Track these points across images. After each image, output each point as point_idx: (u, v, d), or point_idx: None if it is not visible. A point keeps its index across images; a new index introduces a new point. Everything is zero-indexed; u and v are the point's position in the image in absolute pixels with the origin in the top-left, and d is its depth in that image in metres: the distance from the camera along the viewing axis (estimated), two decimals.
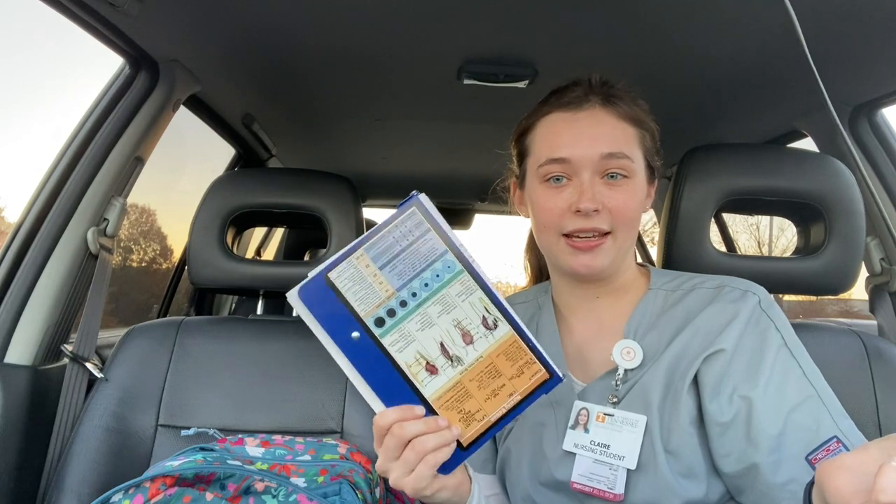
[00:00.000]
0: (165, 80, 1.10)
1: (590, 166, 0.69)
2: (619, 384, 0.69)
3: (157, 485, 0.70)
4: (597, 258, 0.69)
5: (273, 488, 0.73)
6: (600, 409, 0.69)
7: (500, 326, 0.56)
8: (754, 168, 0.96)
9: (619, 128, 0.71)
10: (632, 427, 0.66)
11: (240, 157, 1.74)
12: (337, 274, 0.55)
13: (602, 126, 0.70)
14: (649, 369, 0.68)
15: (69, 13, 0.91)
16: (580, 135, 0.70)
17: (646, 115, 0.74)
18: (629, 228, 0.71)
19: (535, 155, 0.73)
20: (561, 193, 0.70)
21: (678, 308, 0.71)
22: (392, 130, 1.66)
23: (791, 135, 1.43)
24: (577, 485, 0.67)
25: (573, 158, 0.69)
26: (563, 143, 0.70)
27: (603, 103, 0.71)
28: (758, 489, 0.62)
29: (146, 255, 2.91)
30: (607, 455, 0.66)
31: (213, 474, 0.73)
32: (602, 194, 0.68)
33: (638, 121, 0.73)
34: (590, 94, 0.72)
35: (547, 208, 0.71)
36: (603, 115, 0.71)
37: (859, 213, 0.96)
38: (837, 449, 0.61)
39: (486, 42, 1.07)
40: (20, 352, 0.94)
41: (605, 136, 0.69)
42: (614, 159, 0.68)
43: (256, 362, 1.00)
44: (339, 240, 1.04)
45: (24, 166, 5.12)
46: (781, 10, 0.66)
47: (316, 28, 1.03)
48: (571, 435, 0.69)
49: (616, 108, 0.71)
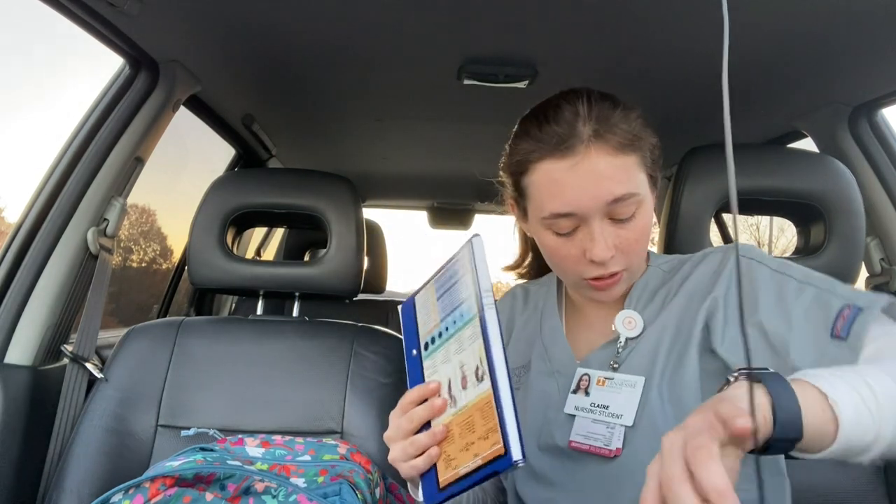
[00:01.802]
0: (165, 80, 1.10)
1: (597, 214, 0.66)
2: (620, 351, 0.71)
3: (157, 485, 0.70)
4: (615, 291, 0.71)
5: (273, 488, 0.73)
6: (601, 373, 0.71)
7: (484, 381, 0.52)
8: (754, 168, 0.96)
9: (620, 165, 0.65)
10: (631, 388, 0.67)
11: (240, 157, 1.74)
12: (419, 297, 0.61)
13: (602, 171, 0.65)
14: (648, 335, 0.70)
15: (69, 13, 0.91)
16: (582, 186, 0.65)
17: (642, 129, 0.68)
18: (641, 255, 0.72)
19: (536, 202, 0.70)
20: (572, 241, 0.68)
21: (673, 281, 0.74)
22: (392, 130, 1.66)
23: (791, 135, 1.43)
24: (575, 443, 0.69)
25: (580, 211, 0.66)
26: (565, 196, 0.66)
27: (596, 139, 0.65)
28: None
29: (146, 256, 2.91)
30: (606, 414, 0.68)
31: (212, 474, 0.73)
32: (613, 236, 0.67)
33: (634, 142, 0.67)
34: (578, 126, 0.65)
35: (561, 255, 0.70)
36: (599, 157, 0.65)
37: (859, 214, 0.96)
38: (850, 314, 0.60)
39: (485, 42, 1.07)
40: (20, 352, 0.94)
41: (607, 180, 0.65)
42: (622, 202, 0.65)
43: (256, 362, 1.00)
44: (339, 240, 1.04)
45: (23, 166, 5.12)
46: (781, 11, 0.66)
47: (316, 28, 1.03)
48: (572, 399, 0.71)
49: (612, 138, 0.65)
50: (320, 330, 1.04)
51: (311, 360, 1.00)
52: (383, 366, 1.00)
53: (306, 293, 1.09)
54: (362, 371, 0.99)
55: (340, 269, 1.04)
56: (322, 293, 1.06)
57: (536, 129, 0.69)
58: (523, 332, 0.83)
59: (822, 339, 0.60)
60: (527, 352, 0.80)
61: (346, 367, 0.99)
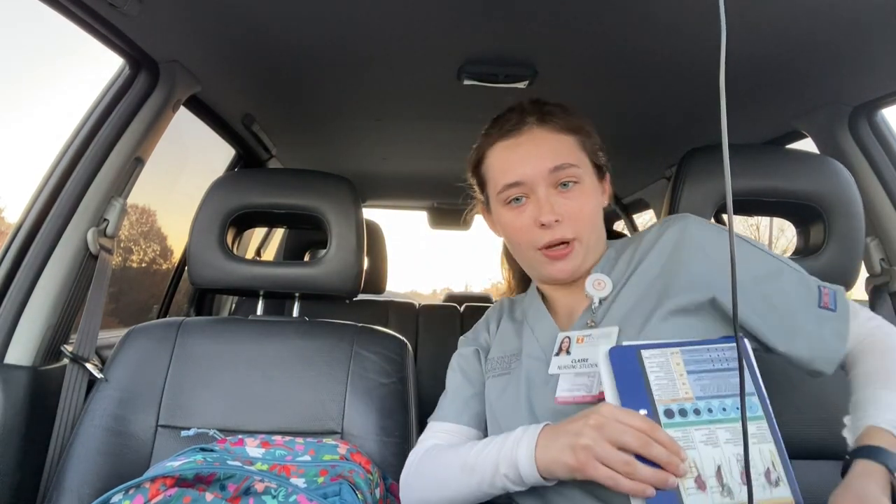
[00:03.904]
0: (165, 80, 1.10)
1: (542, 182, 0.75)
2: (595, 311, 0.77)
3: (157, 485, 0.70)
4: (569, 263, 0.77)
5: (273, 489, 0.73)
6: (579, 333, 0.76)
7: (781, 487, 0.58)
8: (754, 169, 0.96)
9: (559, 140, 0.78)
10: (607, 338, 0.72)
11: (240, 157, 1.74)
12: (649, 355, 0.63)
13: (543, 143, 0.77)
14: (621, 294, 0.76)
15: (69, 13, 0.91)
16: (526, 156, 0.77)
17: (579, 120, 0.80)
18: (590, 230, 0.78)
19: (493, 182, 0.81)
20: (524, 211, 0.77)
21: (638, 247, 0.79)
22: (392, 130, 1.66)
23: (791, 135, 1.44)
24: (561, 399, 0.72)
25: (525, 179, 0.76)
26: (513, 167, 0.77)
27: (539, 122, 0.78)
28: None
29: (146, 256, 2.91)
30: (586, 366, 0.72)
31: (213, 474, 0.73)
32: (558, 204, 0.75)
33: (574, 128, 0.79)
34: (526, 116, 0.79)
35: (516, 227, 0.78)
36: (542, 133, 0.78)
37: (859, 214, 0.96)
38: (830, 291, 0.73)
39: (485, 43, 1.07)
40: (20, 352, 0.94)
41: (548, 151, 0.76)
42: (562, 170, 0.75)
43: (256, 363, 1.00)
44: (339, 240, 1.04)
45: (23, 167, 5.11)
46: (781, 12, 0.66)
47: (316, 28, 1.03)
48: (555, 360, 0.75)
49: (552, 123, 0.78)
50: (320, 330, 1.04)
51: (311, 360, 1.00)
52: (383, 366, 1.00)
53: (306, 293, 1.09)
54: (362, 371, 0.99)
55: (340, 269, 1.04)
56: (322, 293, 1.06)
57: (491, 127, 0.83)
58: (511, 326, 0.87)
59: (815, 310, 0.72)
60: (516, 342, 0.84)
61: (346, 368, 0.99)
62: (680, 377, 0.62)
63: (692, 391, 0.61)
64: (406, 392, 1.00)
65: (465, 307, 2.14)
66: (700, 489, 0.57)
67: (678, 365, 0.63)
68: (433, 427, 0.83)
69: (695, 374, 0.62)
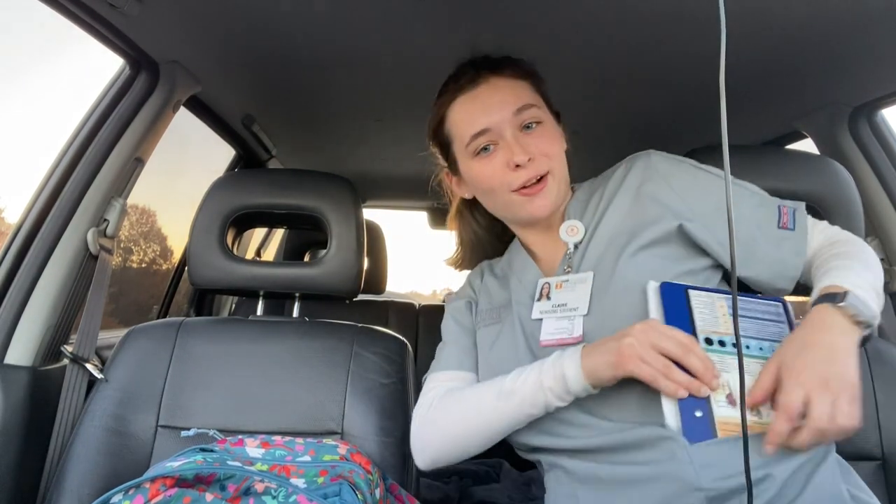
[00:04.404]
0: (165, 80, 1.10)
1: (508, 126, 0.78)
2: (570, 256, 0.80)
3: (157, 485, 0.70)
4: (546, 197, 0.79)
5: (273, 489, 0.73)
6: (557, 279, 0.80)
7: None
8: (754, 169, 0.96)
9: (517, 85, 0.81)
10: (583, 283, 0.76)
11: (240, 157, 1.74)
12: (696, 294, 0.70)
13: (502, 90, 0.80)
14: (595, 237, 0.79)
15: (69, 14, 0.91)
16: (488, 103, 0.79)
17: (531, 68, 0.84)
18: (561, 165, 0.81)
19: (459, 138, 0.82)
20: (495, 158, 0.79)
21: (606, 188, 0.82)
22: (392, 130, 1.66)
23: (791, 135, 1.44)
24: (545, 342, 0.76)
25: (492, 125, 0.78)
26: (478, 116, 0.79)
27: (494, 72, 0.81)
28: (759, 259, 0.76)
29: (146, 256, 2.91)
30: (566, 310, 0.76)
31: (213, 475, 0.73)
32: (528, 143, 0.78)
33: (528, 73, 0.83)
34: (480, 69, 0.81)
35: (488, 174, 0.80)
36: (498, 81, 0.81)
37: (858, 214, 0.96)
38: (789, 210, 0.77)
39: (486, 43, 1.07)
40: (20, 352, 0.94)
41: (508, 96, 0.79)
42: (525, 111, 0.78)
43: (256, 363, 1.00)
44: (339, 240, 1.04)
45: (23, 167, 5.10)
46: (781, 13, 0.66)
47: (316, 29, 1.03)
48: (537, 306, 0.79)
49: (506, 70, 0.81)
50: (320, 330, 1.04)
51: (311, 360, 1.00)
52: (383, 366, 1.00)
53: (306, 294, 1.09)
54: (362, 372, 0.99)
55: (340, 269, 1.04)
56: (322, 294, 1.06)
57: (447, 85, 0.85)
58: (494, 281, 0.90)
59: (774, 231, 0.76)
60: (502, 293, 0.87)
61: (346, 368, 0.99)
62: (723, 317, 0.69)
63: (731, 329, 0.66)
64: (406, 392, 1.00)
65: None
66: (730, 404, 0.63)
67: (721, 307, 0.69)
68: (437, 377, 0.85)
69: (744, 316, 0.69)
